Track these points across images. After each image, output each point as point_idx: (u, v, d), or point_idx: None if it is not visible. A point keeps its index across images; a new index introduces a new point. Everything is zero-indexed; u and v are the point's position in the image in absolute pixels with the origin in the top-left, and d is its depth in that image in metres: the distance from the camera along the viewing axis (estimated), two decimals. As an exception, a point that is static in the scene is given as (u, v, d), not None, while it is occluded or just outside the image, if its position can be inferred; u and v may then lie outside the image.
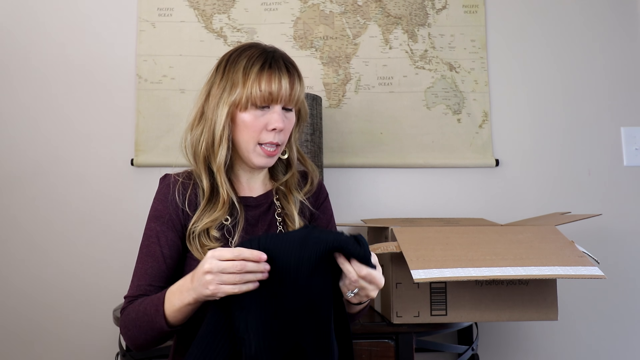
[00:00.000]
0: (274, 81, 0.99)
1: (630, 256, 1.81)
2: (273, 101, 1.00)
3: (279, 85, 0.99)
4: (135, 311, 0.94)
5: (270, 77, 1.00)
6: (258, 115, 1.01)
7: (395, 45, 1.81)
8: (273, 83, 0.99)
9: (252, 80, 0.99)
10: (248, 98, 1.00)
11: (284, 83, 1.00)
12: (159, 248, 1.00)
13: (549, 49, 1.87)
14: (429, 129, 1.79)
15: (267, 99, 1.00)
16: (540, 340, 1.77)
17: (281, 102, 1.01)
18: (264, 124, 1.01)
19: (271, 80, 0.99)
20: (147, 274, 0.98)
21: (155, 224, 1.02)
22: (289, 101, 1.02)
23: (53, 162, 1.71)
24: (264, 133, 1.01)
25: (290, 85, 1.01)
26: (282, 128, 1.01)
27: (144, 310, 0.92)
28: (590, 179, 1.83)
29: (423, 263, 1.14)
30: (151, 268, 0.99)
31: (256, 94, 0.99)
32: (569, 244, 1.23)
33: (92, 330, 1.65)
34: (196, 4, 1.77)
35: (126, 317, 0.95)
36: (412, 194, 1.79)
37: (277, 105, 1.01)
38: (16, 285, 1.67)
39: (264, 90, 0.99)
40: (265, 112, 1.01)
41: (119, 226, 1.69)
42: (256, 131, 1.01)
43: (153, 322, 0.90)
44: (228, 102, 1.01)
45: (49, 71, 1.73)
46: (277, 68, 1.01)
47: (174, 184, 1.05)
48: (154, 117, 1.73)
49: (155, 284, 0.98)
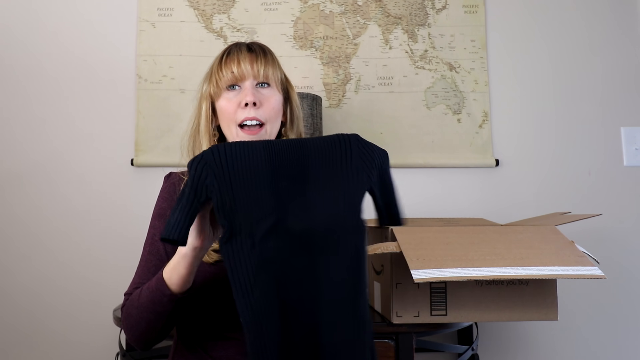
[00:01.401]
0: (233, 61, 1.01)
1: (630, 256, 1.81)
2: (238, 79, 1.01)
3: (237, 63, 1.01)
4: (136, 298, 0.92)
5: (229, 60, 1.02)
6: (231, 97, 1.02)
7: (395, 45, 1.81)
8: (232, 64, 1.01)
9: (215, 67, 1.03)
10: (215, 85, 1.02)
11: (242, 61, 1.01)
12: (162, 246, 1.00)
13: (549, 48, 1.87)
14: (429, 129, 1.79)
15: (230, 78, 1.01)
16: (540, 340, 1.77)
17: (248, 79, 1.01)
18: (238, 103, 1.01)
19: (230, 62, 1.02)
20: (149, 272, 0.98)
21: (159, 222, 1.02)
22: (255, 75, 1.02)
23: (53, 161, 1.71)
24: (239, 112, 1.01)
25: (250, 61, 1.01)
26: (254, 100, 0.99)
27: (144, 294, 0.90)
28: (590, 179, 1.83)
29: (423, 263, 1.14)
30: (154, 266, 0.99)
31: (220, 80, 1.02)
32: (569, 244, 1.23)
33: (92, 330, 1.65)
34: (196, 4, 1.78)
35: (127, 309, 0.94)
36: (412, 194, 1.79)
37: (246, 81, 1.02)
38: (16, 284, 1.67)
39: (225, 73, 1.01)
40: (237, 92, 1.02)
41: (118, 226, 1.69)
42: (231, 112, 1.01)
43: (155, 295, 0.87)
44: (204, 97, 1.05)
45: (49, 71, 1.73)
46: (237, 50, 1.03)
47: (178, 182, 1.05)
48: (154, 117, 1.73)
49: None
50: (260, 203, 0.75)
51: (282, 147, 0.78)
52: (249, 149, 0.77)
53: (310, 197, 0.76)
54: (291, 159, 0.77)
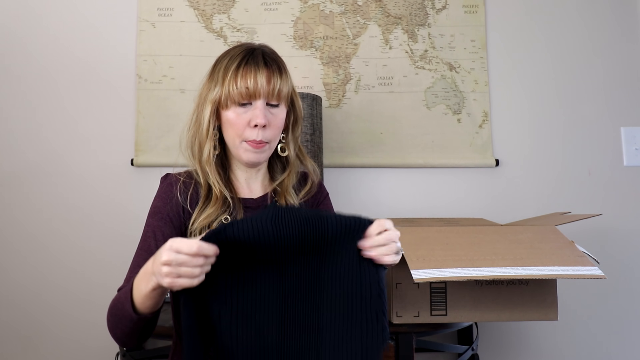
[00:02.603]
0: (249, 76, 0.99)
1: (630, 256, 1.81)
2: (252, 97, 1.00)
3: (254, 80, 0.99)
4: (113, 300, 0.92)
5: (246, 73, 0.99)
6: (240, 113, 1.01)
7: (395, 45, 1.81)
8: (249, 79, 0.99)
9: (229, 78, 1.00)
10: (227, 96, 1.00)
11: (259, 77, 0.99)
12: (154, 242, 0.99)
13: (549, 48, 1.87)
14: (429, 129, 1.79)
15: (244, 95, 1.00)
16: (540, 340, 1.77)
17: (261, 97, 1.00)
18: (247, 121, 1.01)
19: (247, 75, 0.99)
20: (139, 266, 0.98)
21: (153, 219, 1.02)
22: (270, 96, 1.01)
23: (53, 162, 1.71)
24: (247, 130, 1.01)
25: (267, 79, 1.00)
26: (264, 124, 1.00)
27: (117, 298, 0.91)
28: (590, 179, 1.83)
29: (423, 263, 1.14)
30: (144, 261, 0.98)
31: (234, 92, 0.99)
32: (569, 244, 1.23)
33: (92, 329, 1.65)
34: (196, 4, 1.77)
35: (108, 311, 0.94)
36: (412, 194, 1.79)
37: (259, 100, 1.00)
38: (17, 284, 1.67)
39: (240, 87, 0.99)
40: (247, 108, 1.01)
41: (119, 226, 1.69)
42: (240, 128, 1.01)
43: (124, 309, 0.87)
44: (211, 101, 1.02)
45: (49, 71, 1.73)
46: (253, 63, 1.00)
47: (175, 183, 1.06)
48: (154, 117, 1.73)
49: None
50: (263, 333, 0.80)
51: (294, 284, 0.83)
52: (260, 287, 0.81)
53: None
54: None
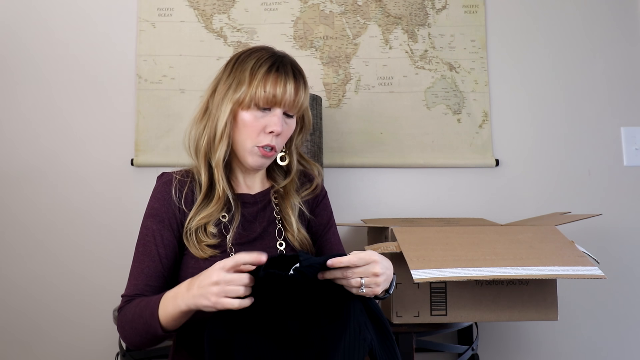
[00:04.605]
0: (280, 84, 1.00)
1: (630, 256, 1.81)
2: (275, 104, 1.01)
3: (283, 89, 1.00)
4: (132, 312, 0.93)
5: (276, 80, 1.00)
6: (258, 117, 1.02)
7: (395, 45, 1.81)
8: (278, 86, 1.00)
9: (258, 80, 1.00)
10: (252, 98, 1.00)
11: (289, 87, 1.00)
12: (155, 248, 1.00)
13: (549, 48, 1.87)
14: (429, 129, 1.79)
15: (270, 101, 1.00)
16: (540, 340, 1.77)
17: (283, 107, 1.02)
18: (263, 126, 1.01)
19: (277, 83, 1.00)
20: (143, 273, 0.98)
21: (151, 222, 1.02)
22: (291, 107, 1.02)
23: (53, 161, 1.71)
24: (261, 135, 1.02)
25: (295, 91, 1.01)
26: (280, 132, 1.01)
27: (140, 313, 0.92)
28: (590, 179, 1.83)
29: (423, 263, 1.14)
30: (148, 268, 0.99)
31: (260, 95, 1.00)
32: (569, 244, 1.23)
33: (92, 330, 1.65)
34: (196, 4, 1.78)
35: (123, 317, 0.95)
36: (412, 194, 1.79)
37: (279, 109, 1.02)
38: (16, 285, 1.67)
39: (268, 92, 1.00)
40: (265, 114, 1.02)
41: (119, 226, 1.69)
42: (255, 132, 1.02)
43: (148, 325, 0.90)
44: (232, 100, 1.01)
45: (49, 71, 1.73)
46: (284, 72, 1.01)
47: (171, 182, 1.06)
48: (154, 117, 1.73)
49: (152, 283, 0.98)
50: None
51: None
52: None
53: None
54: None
